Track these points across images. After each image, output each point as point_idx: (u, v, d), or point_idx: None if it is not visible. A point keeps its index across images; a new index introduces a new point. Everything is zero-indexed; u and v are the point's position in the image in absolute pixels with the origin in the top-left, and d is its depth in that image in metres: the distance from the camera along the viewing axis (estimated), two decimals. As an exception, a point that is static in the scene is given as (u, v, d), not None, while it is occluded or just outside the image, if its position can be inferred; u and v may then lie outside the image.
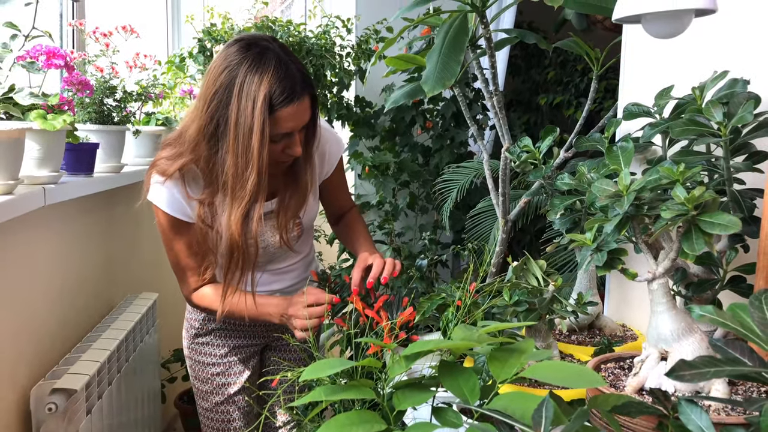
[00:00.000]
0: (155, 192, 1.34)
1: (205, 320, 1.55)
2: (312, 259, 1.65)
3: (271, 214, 1.41)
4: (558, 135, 1.45)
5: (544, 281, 1.21)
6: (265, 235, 1.41)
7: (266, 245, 1.42)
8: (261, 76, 1.18)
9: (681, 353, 0.86)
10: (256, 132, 1.16)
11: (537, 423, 0.58)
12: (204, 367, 1.56)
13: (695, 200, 0.77)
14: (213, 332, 1.56)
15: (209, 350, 1.56)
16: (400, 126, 2.89)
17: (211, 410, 1.57)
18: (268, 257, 1.47)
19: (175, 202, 1.32)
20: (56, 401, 1.44)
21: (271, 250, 1.45)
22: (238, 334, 1.57)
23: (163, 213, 1.33)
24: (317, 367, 0.70)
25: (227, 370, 1.56)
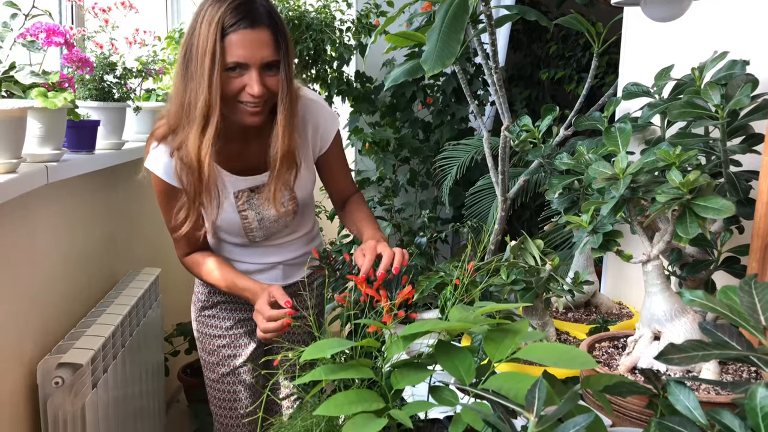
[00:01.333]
0: (151, 158, 1.39)
1: (211, 293, 1.58)
2: (315, 236, 1.67)
3: (262, 187, 1.43)
4: (558, 113, 1.45)
5: (542, 260, 1.23)
6: (260, 207, 1.43)
7: (261, 218, 1.44)
8: (221, 4, 1.23)
9: (673, 333, 0.88)
10: (208, 53, 1.20)
11: (530, 403, 0.60)
12: (210, 339, 1.59)
13: (690, 184, 0.78)
14: (218, 305, 1.58)
15: (215, 323, 1.58)
16: (400, 101, 2.88)
17: (217, 381, 1.60)
18: (265, 231, 1.48)
19: (169, 168, 1.36)
20: (63, 375, 1.47)
21: (267, 224, 1.47)
22: (243, 307, 1.59)
23: (158, 179, 1.39)
24: (317, 347, 0.72)
25: (233, 342, 1.59)
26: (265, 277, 1.57)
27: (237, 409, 1.59)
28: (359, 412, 0.67)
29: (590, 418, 0.56)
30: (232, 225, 1.45)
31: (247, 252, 1.55)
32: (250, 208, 1.43)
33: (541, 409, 0.59)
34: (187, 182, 1.34)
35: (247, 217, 1.44)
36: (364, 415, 0.66)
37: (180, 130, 1.32)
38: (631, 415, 0.83)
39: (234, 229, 1.46)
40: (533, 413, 0.58)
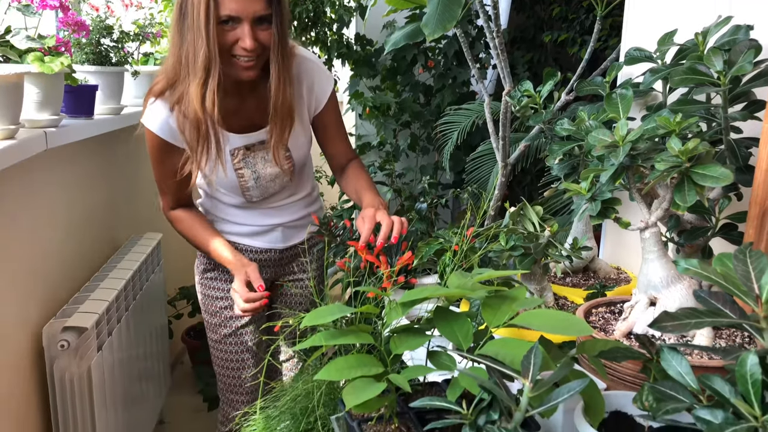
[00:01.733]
0: (147, 114, 1.40)
1: None
2: (315, 200, 1.67)
3: (259, 145, 1.44)
4: (560, 77, 1.44)
5: (540, 227, 1.23)
6: (257, 165, 1.45)
7: (258, 176, 1.46)
8: None
9: (669, 299, 0.89)
10: (203, 6, 1.23)
11: (525, 369, 0.61)
12: (213, 300, 1.61)
13: (689, 152, 0.78)
14: (220, 267, 1.59)
15: (217, 284, 1.60)
16: (401, 65, 2.85)
17: (220, 342, 1.63)
18: (261, 191, 1.50)
19: (164, 123, 1.37)
20: (68, 339, 1.49)
21: (264, 183, 1.48)
22: None
23: (151, 134, 1.40)
24: (318, 313, 0.73)
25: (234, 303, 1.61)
26: (265, 240, 1.58)
27: (240, 369, 1.62)
28: (359, 376, 0.68)
29: (584, 383, 0.57)
30: (228, 183, 1.46)
31: (247, 214, 1.56)
32: (246, 166, 1.45)
33: (537, 375, 0.60)
34: (190, 136, 1.35)
35: (243, 176, 1.45)
36: (363, 380, 0.68)
37: (179, 83, 1.33)
38: (626, 379, 0.85)
39: (231, 187, 1.48)
40: (529, 379, 0.59)
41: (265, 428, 1.01)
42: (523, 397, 0.59)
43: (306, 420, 0.95)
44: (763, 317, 0.57)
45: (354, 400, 0.64)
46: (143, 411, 2.09)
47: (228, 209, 1.56)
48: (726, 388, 0.54)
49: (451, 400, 0.67)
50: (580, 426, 0.73)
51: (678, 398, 0.61)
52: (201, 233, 1.50)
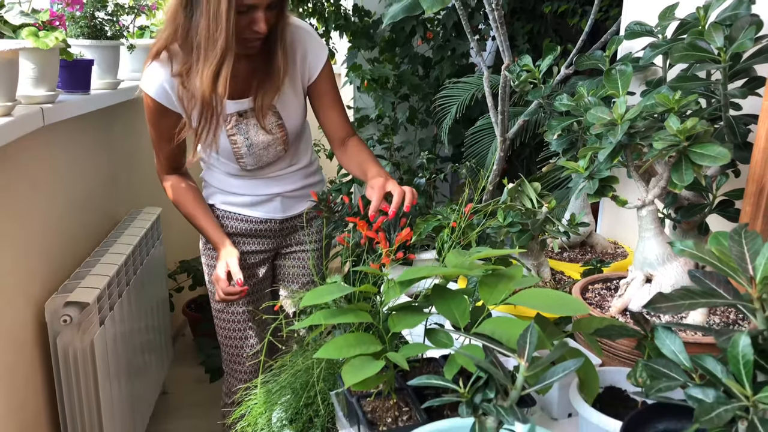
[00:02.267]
0: (145, 78, 1.42)
1: None
2: (314, 171, 1.68)
3: (251, 112, 1.47)
4: (559, 53, 1.42)
5: (538, 203, 1.24)
6: (249, 132, 1.47)
7: (250, 143, 1.48)
8: None
9: (665, 277, 0.90)
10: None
11: (521, 348, 0.62)
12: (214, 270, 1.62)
13: (687, 131, 0.78)
14: None
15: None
16: (399, 36, 2.81)
17: (222, 311, 1.65)
18: (255, 159, 1.51)
19: (160, 87, 1.40)
20: (70, 313, 1.51)
21: (257, 151, 1.49)
22: (248, 241, 1.63)
23: (149, 97, 1.42)
24: (316, 293, 0.74)
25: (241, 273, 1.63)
26: (265, 209, 1.60)
27: (242, 339, 1.65)
28: (357, 354, 0.69)
29: (579, 363, 0.58)
30: (223, 150, 1.48)
31: (246, 184, 1.57)
32: (238, 132, 1.47)
33: (532, 354, 0.61)
34: (192, 110, 1.39)
35: (236, 142, 1.47)
36: (361, 358, 0.69)
37: (185, 57, 1.36)
38: (621, 355, 0.87)
39: (225, 154, 1.50)
40: (524, 358, 0.60)
41: (266, 402, 1.03)
42: (519, 375, 0.60)
43: (306, 394, 0.97)
44: (756, 298, 0.58)
45: (352, 379, 0.65)
46: (146, 382, 2.13)
47: (227, 179, 1.57)
48: (718, 368, 0.55)
49: (447, 378, 0.68)
50: (575, 402, 0.75)
51: (671, 376, 0.63)
52: (189, 207, 1.55)
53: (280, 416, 0.97)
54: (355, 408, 0.77)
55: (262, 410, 1.01)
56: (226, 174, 1.57)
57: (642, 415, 0.68)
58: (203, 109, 1.37)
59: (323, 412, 0.91)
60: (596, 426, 0.71)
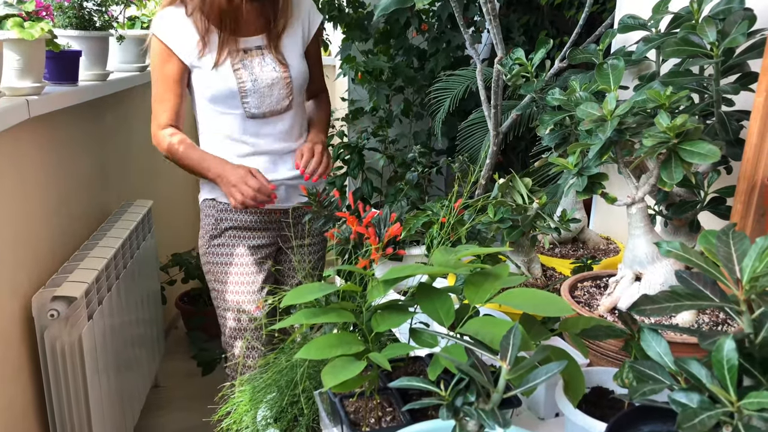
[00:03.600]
0: (155, 22, 1.49)
1: (218, 221, 1.62)
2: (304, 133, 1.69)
3: (256, 50, 1.53)
4: (552, 46, 1.41)
5: (529, 198, 1.22)
6: (254, 69, 1.52)
7: (255, 78, 1.51)
8: None
9: (655, 275, 0.89)
10: None
11: (504, 350, 0.61)
12: (222, 267, 1.63)
13: (677, 128, 0.77)
14: (227, 232, 1.62)
15: (225, 251, 1.62)
16: (394, 28, 2.79)
17: (228, 310, 1.63)
18: (259, 97, 1.52)
19: (171, 29, 1.47)
20: (57, 308, 1.50)
21: (261, 88, 1.52)
22: (252, 234, 1.63)
23: (157, 42, 1.48)
24: (299, 292, 0.73)
25: (244, 269, 1.63)
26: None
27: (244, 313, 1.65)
28: (339, 355, 0.68)
29: (562, 365, 0.57)
30: (226, 88, 1.50)
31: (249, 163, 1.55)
32: (243, 68, 1.51)
33: (515, 356, 0.60)
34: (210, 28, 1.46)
35: (241, 77, 1.51)
36: (343, 358, 0.68)
37: None
38: (609, 355, 0.86)
39: (229, 93, 1.51)
40: (507, 360, 0.59)
41: (251, 400, 1.02)
42: (501, 378, 0.59)
43: (291, 392, 0.96)
44: (742, 300, 0.57)
45: (333, 380, 0.64)
46: (138, 376, 2.12)
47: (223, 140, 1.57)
48: (702, 372, 0.54)
49: (430, 379, 0.67)
50: (561, 403, 0.74)
51: (657, 378, 0.61)
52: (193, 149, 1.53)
53: (265, 414, 0.96)
54: (338, 408, 0.76)
55: (247, 408, 1.00)
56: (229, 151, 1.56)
57: (627, 417, 0.67)
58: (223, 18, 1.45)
59: (307, 411, 0.90)
60: (581, 428, 0.70)
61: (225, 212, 1.61)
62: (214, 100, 1.52)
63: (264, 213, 1.61)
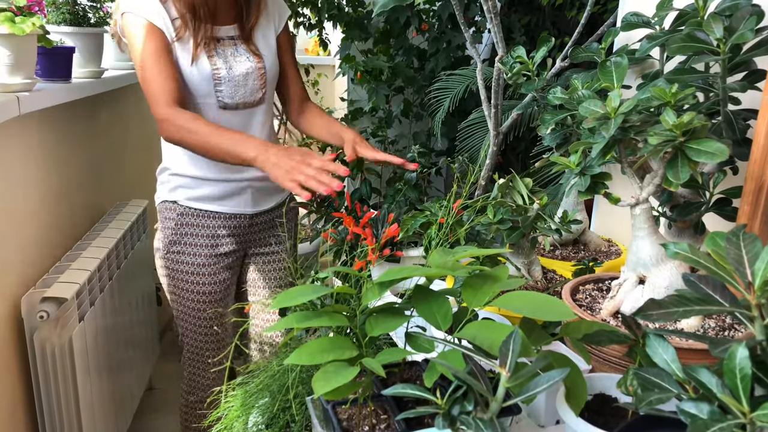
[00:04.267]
0: (127, 2, 1.38)
1: (179, 225, 1.51)
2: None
3: (228, 40, 1.48)
4: (554, 44, 1.38)
5: (529, 199, 1.19)
6: (228, 57, 1.46)
7: (230, 66, 1.45)
8: None
9: (659, 278, 0.86)
10: None
11: (503, 356, 0.58)
12: (183, 275, 1.53)
13: (683, 126, 0.74)
14: (188, 238, 1.52)
15: (187, 259, 1.53)
16: (394, 27, 2.76)
17: (189, 315, 1.58)
18: (233, 87, 1.45)
19: (147, 6, 1.37)
20: (47, 309, 1.47)
21: (236, 76, 1.45)
22: (214, 242, 1.53)
23: (135, 17, 1.37)
24: (289, 294, 0.70)
25: (207, 279, 1.54)
26: (234, 203, 1.53)
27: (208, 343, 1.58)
28: (331, 360, 0.65)
29: (564, 373, 0.54)
30: (201, 69, 1.42)
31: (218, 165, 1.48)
32: (217, 56, 1.45)
33: (515, 362, 0.57)
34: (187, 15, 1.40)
35: (216, 64, 1.44)
36: (335, 364, 0.65)
37: None
38: (612, 360, 0.83)
39: (204, 77, 1.42)
40: (506, 367, 0.56)
41: (242, 405, 0.99)
42: (500, 386, 0.56)
43: (283, 398, 0.93)
44: (755, 305, 0.54)
45: (324, 387, 0.61)
46: (131, 378, 2.08)
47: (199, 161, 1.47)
48: (713, 381, 0.51)
49: (427, 386, 0.64)
50: (562, 411, 0.71)
51: (663, 387, 0.59)
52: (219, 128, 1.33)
53: (256, 420, 0.93)
54: (331, 415, 0.73)
55: (238, 413, 0.97)
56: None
57: (632, 426, 0.64)
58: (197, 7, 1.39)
59: (300, 418, 0.87)
60: (583, 437, 0.67)
61: (187, 216, 1.51)
62: (184, 86, 1.42)
63: (228, 218, 1.53)
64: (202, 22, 1.42)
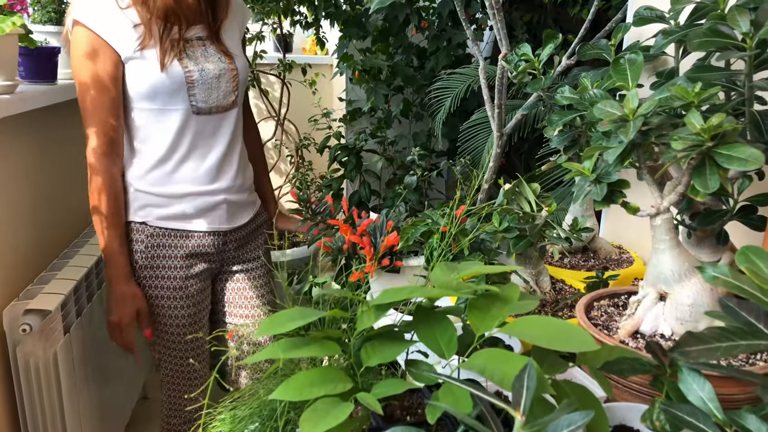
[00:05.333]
0: (79, 8, 1.29)
1: (149, 247, 1.41)
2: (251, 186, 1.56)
3: (197, 41, 1.39)
4: (560, 40, 1.31)
5: (537, 206, 1.12)
6: (198, 59, 1.37)
7: (201, 68, 1.36)
8: None
9: (682, 295, 0.79)
10: None
11: (517, 394, 0.51)
12: (155, 300, 1.44)
13: (713, 130, 0.67)
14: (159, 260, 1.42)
15: (158, 283, 1.43)
16: (393, 25, 2.69)
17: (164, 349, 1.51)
18: (206, 89, 1.36)
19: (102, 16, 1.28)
20: (30, 322, 1.40)
21: (209, 79, 1.36)
22: (187, 263, 1.43)
23: (85, 32, 1.28)
24: (275, 320, 0.63)
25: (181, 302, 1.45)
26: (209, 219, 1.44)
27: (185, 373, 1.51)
28: (321, 396, 0.58)
29: (587, 417, 0.47)
30: (173, 74, 1.32)
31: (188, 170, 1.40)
32: (187, 57, 1.36)
33: (530, 403, 0.50)
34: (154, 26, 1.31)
35: (188, 66, 1.34)
36: (326, 401, 0.58)
37: None
38: (633, 387, 0.75)
39: (175, 81, 1.33)
40: (520, 409, 0.49)
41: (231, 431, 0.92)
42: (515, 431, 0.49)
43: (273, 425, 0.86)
44: (806, 337, 0.47)
45: (312, 429, 0.54)
46: (124, 388, 2.02)
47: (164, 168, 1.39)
48: (764, 429, 0.44)
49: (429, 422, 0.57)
50: (580, 448, 0.63)
51: (698, 428, 0.51)
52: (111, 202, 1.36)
53: (245, 449, 0.86)
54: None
55: (226, 440, 0.90)
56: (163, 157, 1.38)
57: (660, 468, 0.57)
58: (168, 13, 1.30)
59: (290, 449, 0.80)
60: (605, 478, 0.60)
61: (157, 237, 1.41)
62: (155, 94, 1.32)
63: (202, 236, 1.43)
64: (171, 24, 1.33)
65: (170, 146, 1.37)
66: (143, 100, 1.34)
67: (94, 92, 1.29)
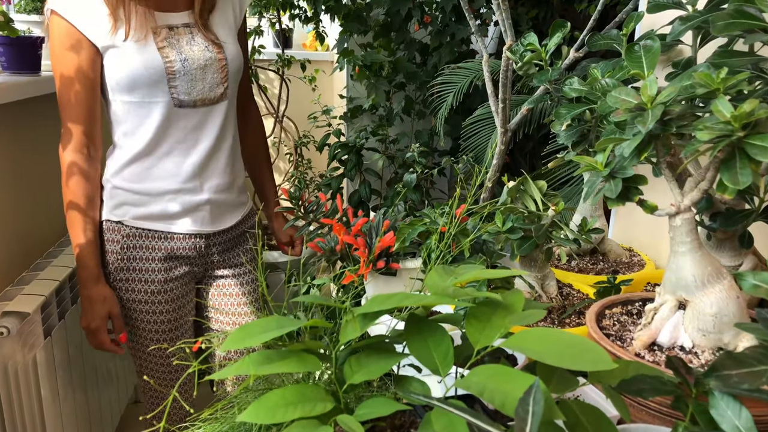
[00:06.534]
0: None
1: (125, 248, 1.34)
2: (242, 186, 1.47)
3: (183, 27, 1.30)
4: (568, 29, 1.23)
5: (543, 205, 1.05)
6: (182, 47, 1.28)
7: (185, 57, 1.27)
8: None
9: (704, 303, 0.71)
10: None
11: (521, 420, 0.43)
12: (133, 305, 1.36)
13: (745, 118, 0.59)
14: (137, 263, 1.34)
15: (136, 286, 1.36)
16: (395, 20, 2.62)
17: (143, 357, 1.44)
18: (190, 80, 1.28)
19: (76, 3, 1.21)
20: (7, 325, 1.32)
21: (192, 69, 1.27)
22: (167, 266, 1.36)
23: (60, 21, 1.21)
24: (246, 331, 0.55)
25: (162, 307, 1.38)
26: (192, 220, 1.36)
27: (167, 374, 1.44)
28: (298, 418, 0.51)
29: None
30: (152, 64, 1.24)
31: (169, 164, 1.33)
32: (169, 46, 1.26)
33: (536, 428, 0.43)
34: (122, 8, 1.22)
35: (168, 56, 1.25)
36: (302, 424, 0.50)
37: None
38: (651, 406, 0.68)
39: (154, 71, 1.24)
40: (525, 441, 0.41)
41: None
42: (518, 467, 0.41)
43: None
44: None
45: (284, 460, 0.46)
46: (112, 392, 1.95)
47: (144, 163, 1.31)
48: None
49: (420, 450, 0.49)
50: (592, 478, 0.56)
51: (733, 462, 0.44)
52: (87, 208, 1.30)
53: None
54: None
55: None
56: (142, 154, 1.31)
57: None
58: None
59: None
60: None
61: (134, 238, 1.33)
62: (133, 85, 1.24)
63: (184, 239, 1.35)
64: (149, 8, 1.24)
65: (151, 141, 1.29)
66: (123, 93, 1.26)
67: (69, 84, 1.23)
